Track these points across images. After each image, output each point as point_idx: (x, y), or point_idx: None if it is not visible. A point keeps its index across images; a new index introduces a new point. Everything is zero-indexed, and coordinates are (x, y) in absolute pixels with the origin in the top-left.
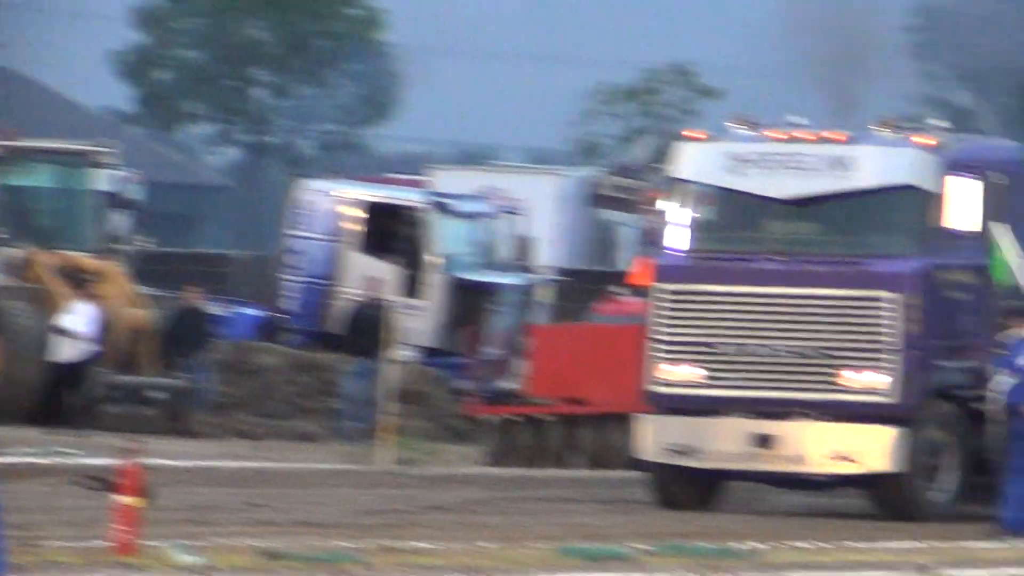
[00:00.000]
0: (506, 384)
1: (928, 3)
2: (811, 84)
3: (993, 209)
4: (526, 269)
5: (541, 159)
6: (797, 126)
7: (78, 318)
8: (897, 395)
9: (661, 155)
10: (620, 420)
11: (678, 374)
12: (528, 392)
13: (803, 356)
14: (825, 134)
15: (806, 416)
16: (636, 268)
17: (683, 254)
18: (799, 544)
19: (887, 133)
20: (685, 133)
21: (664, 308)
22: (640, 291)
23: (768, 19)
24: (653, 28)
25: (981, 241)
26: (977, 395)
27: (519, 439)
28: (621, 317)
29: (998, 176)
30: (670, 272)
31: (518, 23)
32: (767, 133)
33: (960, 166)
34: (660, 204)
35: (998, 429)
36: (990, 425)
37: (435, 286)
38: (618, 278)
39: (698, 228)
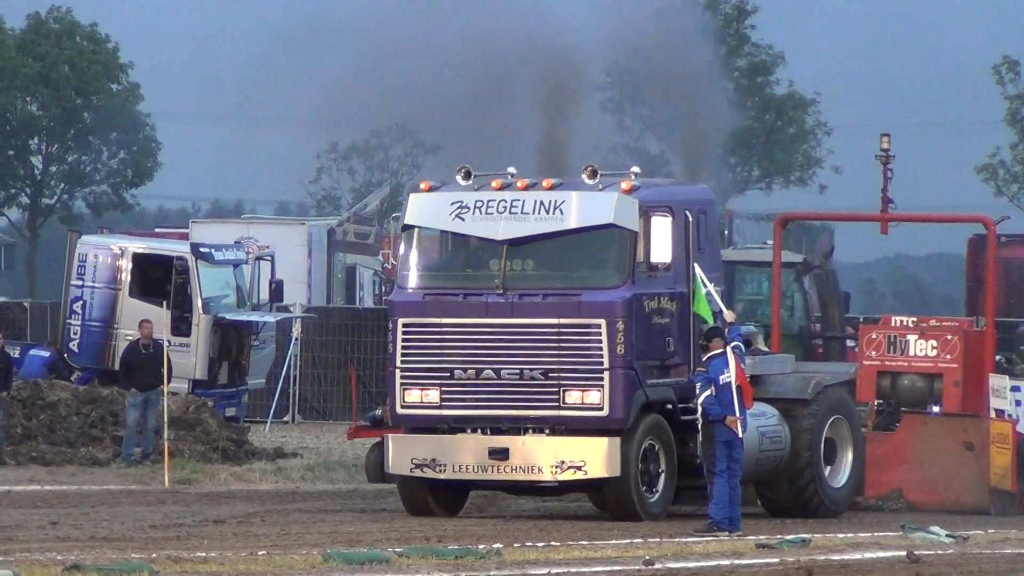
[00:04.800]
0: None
1: (616, 63)
2: (520, 136)
3: (685, 243)
4: (279, 308)
5: (287, 211)
6: (511, 175)
7: None
8: (611, 409)
9: (393, 204)
10: None
11: (418, 397)
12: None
13: (529, 378)
14: (535, 182)
15: (535, 431)
16: None
17: (414, 291)
18: (534, 544)
19: (589, 179)
20: (415, 185)
21: (399, 340)
22: None
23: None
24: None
25: (679, 272)
26: (684, 408)
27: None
28: None
29: (688, 214)
30: (402, 308)
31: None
32: (485, 182)
33: (655, 206)
34: (394, 248)
35: (703, 436)
36: (696, 433)
37: (200, 326)
38: (360, 314)
39: (428, 268)
